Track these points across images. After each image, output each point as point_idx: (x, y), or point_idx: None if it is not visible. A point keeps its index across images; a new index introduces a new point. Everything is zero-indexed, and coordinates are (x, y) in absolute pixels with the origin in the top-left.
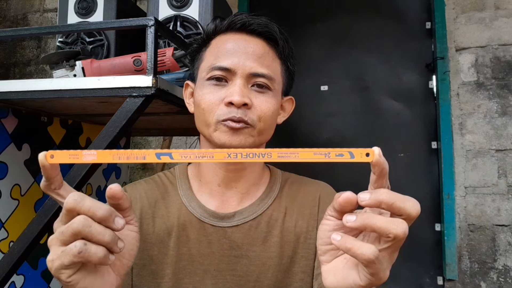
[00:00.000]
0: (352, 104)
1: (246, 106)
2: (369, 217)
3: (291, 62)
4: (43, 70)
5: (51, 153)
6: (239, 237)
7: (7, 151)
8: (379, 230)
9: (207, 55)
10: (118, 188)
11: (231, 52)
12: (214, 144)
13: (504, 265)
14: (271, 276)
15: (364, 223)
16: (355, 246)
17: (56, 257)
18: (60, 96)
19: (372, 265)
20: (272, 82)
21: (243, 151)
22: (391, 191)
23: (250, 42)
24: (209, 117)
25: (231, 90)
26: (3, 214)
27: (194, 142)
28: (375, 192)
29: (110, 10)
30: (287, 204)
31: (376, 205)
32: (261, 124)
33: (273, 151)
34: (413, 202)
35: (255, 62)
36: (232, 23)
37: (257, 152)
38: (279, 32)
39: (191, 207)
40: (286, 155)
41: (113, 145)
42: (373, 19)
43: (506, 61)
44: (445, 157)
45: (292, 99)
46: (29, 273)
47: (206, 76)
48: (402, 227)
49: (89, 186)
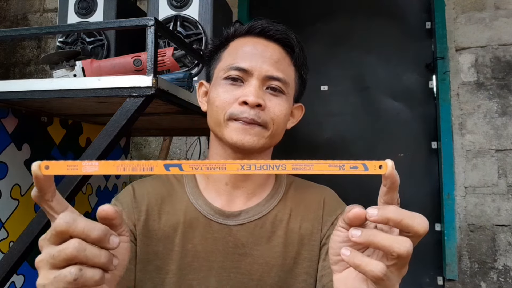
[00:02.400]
0: (352, 104)
1: (259, 107)
2: (373, 234)
3: (304, 71)
4: (43, 70)
5: (46, 164)
6: (244, 236)
7: (7, 151)
8: (383, 248)
9: (225, 55)
10: (110, 208)
11: (249, 54)
12: (225, 143)
13: (504, 265)
14: (274, 275)
15: (368, 240)
16: (364, 263)
17: (48, 282)
18: (60, 96)
19: (380, 281)
20: (286, 87)
21: (256, 162)
22: (399, 208)
23: (268, 46)
24: (221, 114)
25: (247, 91)
26: (3, 214)
27: (194, 142)
28: (383, 208)
29: (110, 10)
30: (292, 206)
31: (383, 222)
32: (274, 126)
33: (287, 163)
34: (421, 220)
35: (271, 66)
36: (252, 27)
37: (271, 163)
38: (296, 40)
39: (198, 205)
40: (300, 167)
41: (113, 145)
42: (373, 19)
43: (506, 61)
44: (445, 157)
45: (302, 106)
46: (29, 273)
47: (223, 75)
48: (405, 246)
49: (89, 186)
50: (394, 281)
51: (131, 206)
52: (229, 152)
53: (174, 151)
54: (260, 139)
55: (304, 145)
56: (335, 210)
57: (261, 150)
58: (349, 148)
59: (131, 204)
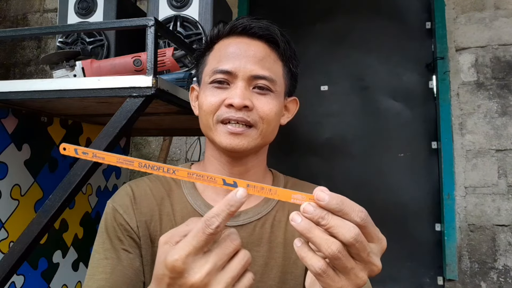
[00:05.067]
0: (352, 104)
1: (247, 108)
2: (310, 228)
3: (294, 64)
4: (43, 70)
5: None
6: (244, 237)
7: (7, 151)
8: (314, 244)
9: (210, 59)
10: None
11: (232, 56)
12: (217, 147)
13: (504, 265)
14: (274, 276)
15: (303, 231)
16: (307, 256)
17: None
18: (60, 96)
19: (320, 278)
20: (274, 84)
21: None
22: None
23: (251, 45)
24: (209, 118)
25: (232, 93)
26: (3, 214)
27: (194, 142)
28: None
29: (110, 10)
30: (290, 207)
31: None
32: (264, 125)
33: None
34: (347, 229)
35: (256, 64)
36: (233, 27)
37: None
38: (280, 34)
39: (197, 206)
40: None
41: (113, 145)
42: (373, 19)
43: (506, 61)
44: (445, 157)
45: (296, 99)
46: (29, 273)
47: (208, 79)
48: (332, 249)
49: (89, 186)
50: (340, 284)
51: (131, 208)
52: (222, 155)
53: (174, 151)
54: (251, 141)
55: (304, 145)
56: None
57: (254, 151)
58: (349, 148)
59: (131, 206)
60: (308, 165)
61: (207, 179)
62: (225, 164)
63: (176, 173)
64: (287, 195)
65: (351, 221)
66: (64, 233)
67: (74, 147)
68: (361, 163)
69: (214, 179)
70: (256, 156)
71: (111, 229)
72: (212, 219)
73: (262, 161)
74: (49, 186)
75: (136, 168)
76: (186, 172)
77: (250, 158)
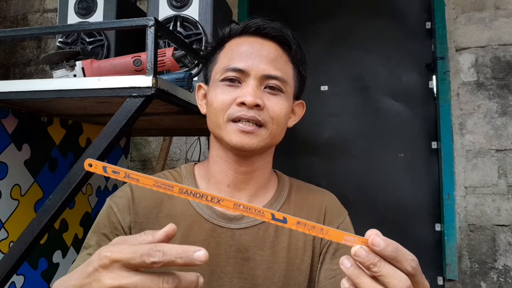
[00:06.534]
0: (352, 104)
1: (258, 107)
2: (359, 275)
3: (303, 67)
4: (43, 70)
5: None
6: (247, 240)
7: (7, 151)
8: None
9: (221, 57)
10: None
11: (245, 54)
12: (225, 145)
13: (504, 265)
14: (276, 281)
15: (353, 277)
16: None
17: None
18: (60, 96)
19: None
20: (285, 85)
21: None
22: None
23: (264, 45)
24: (220, 117)
25: (244, 91)
26: (3, 214)
27: (194, 142)
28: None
29: (110, 10)
30: (295, 211)
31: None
32: (274, 126)
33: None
34: (399, 281)
35: (268, 64)
36: (247, 26)
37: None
38: (292, 36)
39: (199, 208)
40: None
41: (113, 145)
42: (373, 19)
43: (506, 61)
44: (445, 157)
45: (303, 103)
46: (29, 273)
47: (220, 77)
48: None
49: (89, 186)
50: None
51: (127, 208)
52: (229, 154)
53: (174, 151)
54: (260, 140)
55: (304, 145)
56: (337, 218)
57: (262, 151)
58: (349, 148)
59: (128, 205)
60: (308, 165)
61: (255, 212)
62: (231, 163)
63: (221, 203)
64: (339, 236)
65: (402, 270)
66: (64, 233)
67: (102, 164)
68: (361, 163)
69: (262, 213)
70: (262, 157)
71: (101, 225)
72: (156, 252)
73: (268, 163)
74: (49, 186)
75: (176, 194)
76: (232, 203)
77: (256, 158)
